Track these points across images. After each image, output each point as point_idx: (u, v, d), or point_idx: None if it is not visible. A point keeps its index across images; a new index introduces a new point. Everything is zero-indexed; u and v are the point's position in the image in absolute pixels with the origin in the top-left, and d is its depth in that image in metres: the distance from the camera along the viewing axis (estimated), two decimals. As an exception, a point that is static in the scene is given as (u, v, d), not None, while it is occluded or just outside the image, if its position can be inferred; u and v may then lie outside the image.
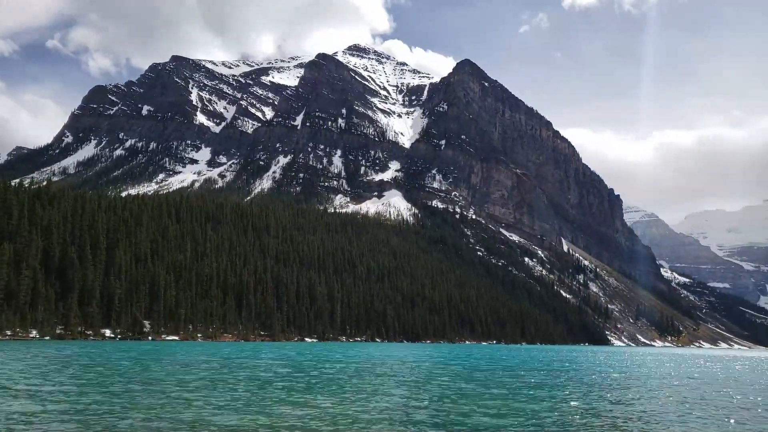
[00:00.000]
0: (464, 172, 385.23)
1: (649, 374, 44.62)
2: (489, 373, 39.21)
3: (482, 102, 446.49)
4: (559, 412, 21.21)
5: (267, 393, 24.53)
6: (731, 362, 67.87)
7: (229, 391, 25.02)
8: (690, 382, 37.76)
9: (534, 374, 39.60)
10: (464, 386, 29.79)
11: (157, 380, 28.69)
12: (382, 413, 19.75)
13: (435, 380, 33.06)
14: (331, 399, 22.91)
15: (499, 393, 26.65)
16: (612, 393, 29.15)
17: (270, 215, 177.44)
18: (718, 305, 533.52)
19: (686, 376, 43.83)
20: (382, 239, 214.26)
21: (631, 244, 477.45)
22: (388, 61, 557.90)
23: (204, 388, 25.64)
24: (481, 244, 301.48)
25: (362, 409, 20.57)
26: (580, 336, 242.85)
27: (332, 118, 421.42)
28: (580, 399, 25.54)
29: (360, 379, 32.12)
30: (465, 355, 71.17)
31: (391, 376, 34.79)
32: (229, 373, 33.69)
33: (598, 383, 34.55)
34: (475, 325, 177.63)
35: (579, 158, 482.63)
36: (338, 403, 21.63)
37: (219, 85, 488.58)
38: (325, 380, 30.95)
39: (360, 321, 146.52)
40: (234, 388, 26.24)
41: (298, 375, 33.82)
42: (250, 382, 28.85)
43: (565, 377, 37.99)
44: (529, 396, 25.86)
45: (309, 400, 22.32)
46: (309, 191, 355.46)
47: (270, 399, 22.39)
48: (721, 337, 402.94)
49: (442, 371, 40.82)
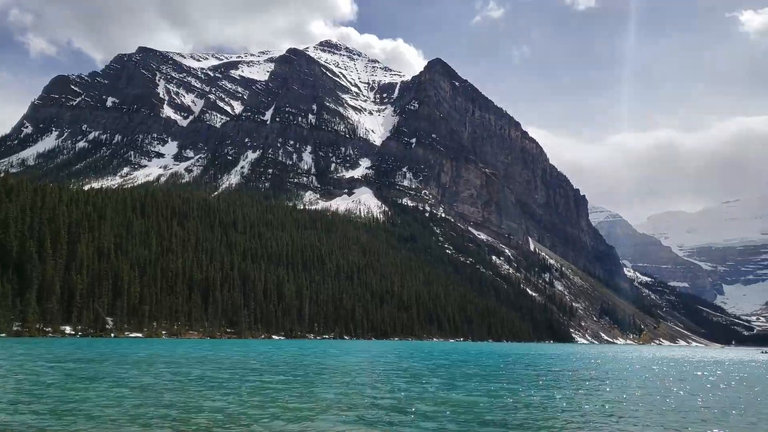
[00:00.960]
0: (434, 171, 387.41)
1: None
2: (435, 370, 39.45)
3: (453, 101, 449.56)
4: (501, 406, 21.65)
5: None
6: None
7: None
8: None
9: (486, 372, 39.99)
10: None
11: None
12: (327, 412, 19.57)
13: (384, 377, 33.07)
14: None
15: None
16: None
17: (238, 211, 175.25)
18: (677, 304, 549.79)
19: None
20: (352, 236, 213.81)
21: (596, 244, 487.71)
22: (359, 58, 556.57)
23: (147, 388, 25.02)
24: (450, 242, 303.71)
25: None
26: (545, 334, 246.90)
27: (302, 114, 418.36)
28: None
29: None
30: (426, 353, 71.59)
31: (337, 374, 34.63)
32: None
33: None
34: (443, 323, 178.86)
35: (546, 158, 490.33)
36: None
37: (187, 78, 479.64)
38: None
39: (328, 318, 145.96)
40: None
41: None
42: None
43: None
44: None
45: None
46: (278, 187, 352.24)
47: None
48: (680, 335, 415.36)
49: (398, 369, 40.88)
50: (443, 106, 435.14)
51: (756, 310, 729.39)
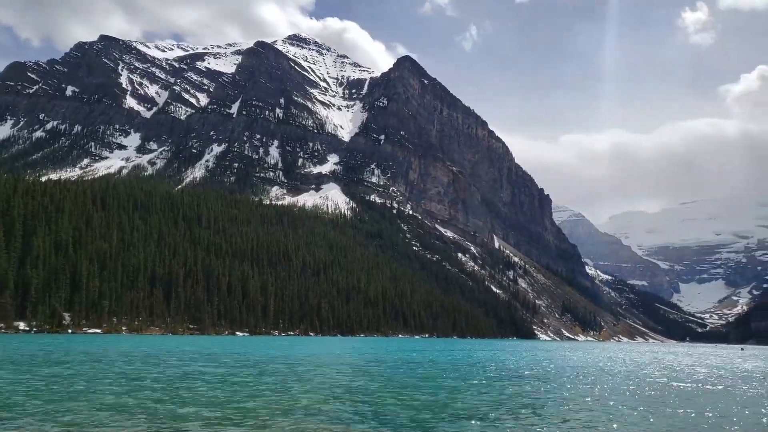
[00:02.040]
0: (402, 168, 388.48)
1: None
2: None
3: (421, 99, 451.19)
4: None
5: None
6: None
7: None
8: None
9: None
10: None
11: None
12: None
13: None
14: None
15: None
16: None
17: (202, 205, 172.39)
18: (636, 302, 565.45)
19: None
20: (319, 232, 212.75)
21: (559, 243, 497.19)
22: (328, 53, 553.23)
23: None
24: (417, 239, 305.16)
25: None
26: (508, 330, 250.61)
27: (270, 108, 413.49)
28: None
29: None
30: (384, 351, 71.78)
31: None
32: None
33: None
34: (409, 319, 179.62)
35: (512, 158, 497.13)
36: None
37: (151, 68, 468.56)
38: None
39: (294, 315, 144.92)
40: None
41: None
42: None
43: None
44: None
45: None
46: (244, 182, 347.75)
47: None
48: (638, 332, 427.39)
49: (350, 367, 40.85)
50: (412, 104, 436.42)
51: (709, 308, 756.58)
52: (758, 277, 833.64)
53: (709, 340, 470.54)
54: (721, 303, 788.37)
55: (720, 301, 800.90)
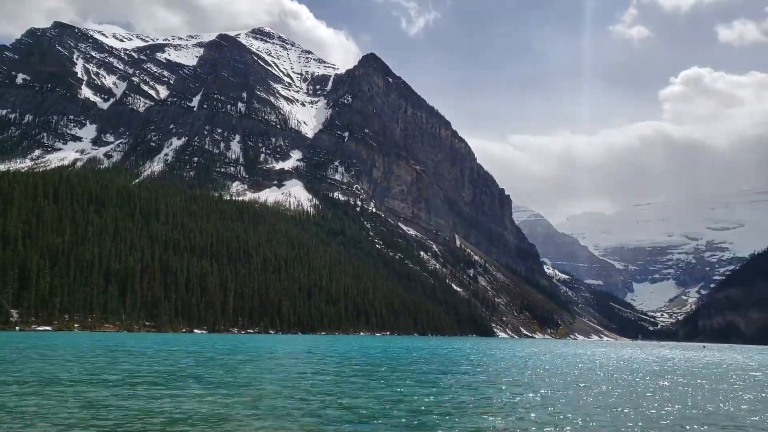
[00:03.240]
0: (366, 166, 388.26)
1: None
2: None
3: (386, 97, 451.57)
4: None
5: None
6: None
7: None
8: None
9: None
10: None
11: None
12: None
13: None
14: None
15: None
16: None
17: (160, 200, 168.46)
18: (592, 300, 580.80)
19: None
20: (281, 229, 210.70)
21: (518, 242, 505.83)
22: (293, 48, 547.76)
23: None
24: (380, 237, 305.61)
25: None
26: (468, 328, 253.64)
27: (232, 102, 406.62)
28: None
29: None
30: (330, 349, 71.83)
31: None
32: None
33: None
34: (370, 317, 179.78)
35: (474, 158, 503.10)
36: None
37: (108, 58, 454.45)
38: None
39: (254, 312, 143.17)
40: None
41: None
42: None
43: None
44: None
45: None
46: (204, 176, 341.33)
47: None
48: (594, 330, 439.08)
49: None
50: (376, 102, 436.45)
51: (661, 307, 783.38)
52: (706, 277, 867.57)
53: (659, 338, 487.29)
54: (671, 302, 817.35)
55: (671, 300, 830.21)
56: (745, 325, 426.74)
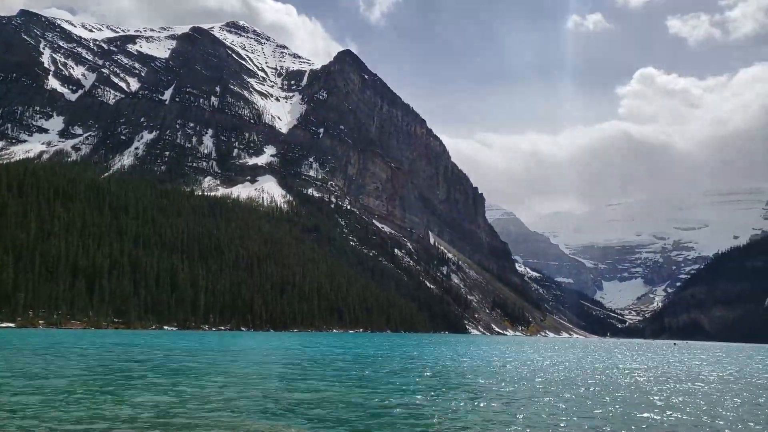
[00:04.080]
0: (341, 162, 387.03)
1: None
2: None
3: (362, 94, 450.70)
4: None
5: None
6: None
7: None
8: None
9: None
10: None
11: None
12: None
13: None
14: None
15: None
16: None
17: (130, 194, 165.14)
18: (562, 298, 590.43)
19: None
20: (253, 225, 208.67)
21: (491, 240, 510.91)
22: (268, 42, 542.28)
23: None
24: (355, 234, 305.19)
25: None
26: (441, 324, 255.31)
27: (205, 96, 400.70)
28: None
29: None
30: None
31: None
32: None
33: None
34: (344, 314, 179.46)
35: (449, 156, 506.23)
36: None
37: (77, 48, 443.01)
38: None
39: (225, 309, 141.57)
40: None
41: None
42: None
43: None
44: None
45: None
46: (175, 171, 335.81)
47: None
48: (564, 327, 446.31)
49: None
50: (352, 99, 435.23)
51: (629, 305, 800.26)
52: (672, 276, 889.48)
53: (627, 335, 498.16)
54: (639, 300, 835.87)
55: (638, 299, 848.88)
56: (708, 323, 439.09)
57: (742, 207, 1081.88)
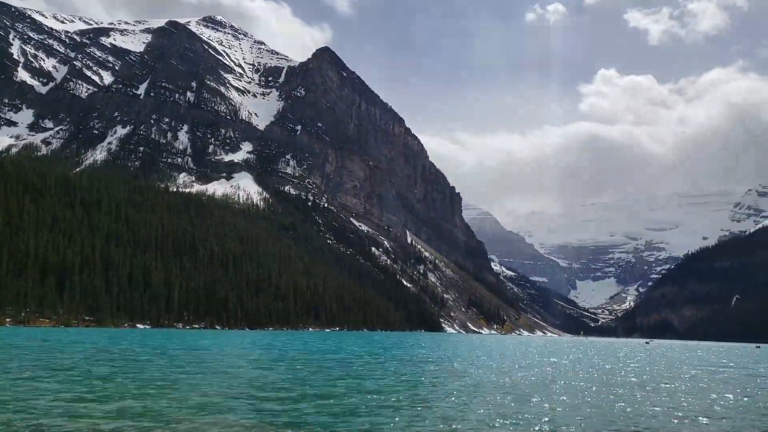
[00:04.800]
0: (319, 160, 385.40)
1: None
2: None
3: (340, 92, 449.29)
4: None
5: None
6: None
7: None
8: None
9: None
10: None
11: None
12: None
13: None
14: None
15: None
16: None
17: (102, 190, 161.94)
18: (536, 297, 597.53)
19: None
20: (229, 223, 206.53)
21: (467, 239, 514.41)
22: (245, 38, 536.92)
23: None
24: (332, 232, 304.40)
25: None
26: (417, 323, 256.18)
27: (180, 91, 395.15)
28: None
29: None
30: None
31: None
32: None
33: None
34: (320, 313, 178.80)
35: (426, 156, 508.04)
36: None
37: (48, 40, 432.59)
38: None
39: (199, 307, 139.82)
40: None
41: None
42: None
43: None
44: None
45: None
46: (149, 167, 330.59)
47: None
48: (538, 326, 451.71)
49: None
50: (330, 96, 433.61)
51: (602, 304, 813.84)
52: (644, 276, 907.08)
53: (600, 334, 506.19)
54: (612, 299, 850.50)
55: (611, 298, 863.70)
56: (678, 322, 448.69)
57: (711, 209, 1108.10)
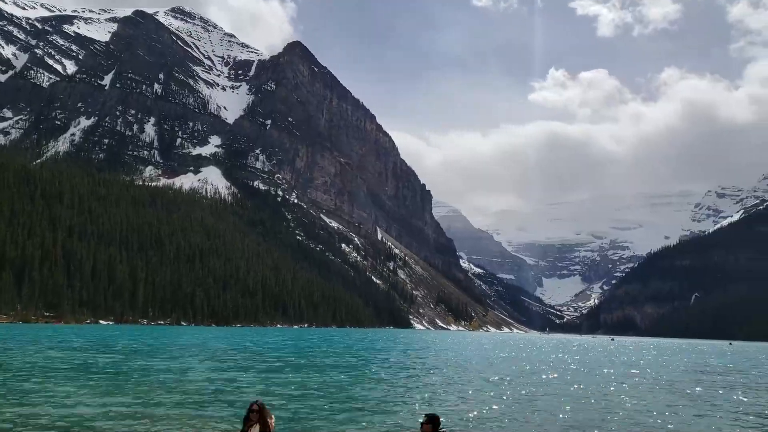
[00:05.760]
0: (289, 155, 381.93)
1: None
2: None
3: (311, 87, 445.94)
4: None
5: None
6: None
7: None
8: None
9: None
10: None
11: None
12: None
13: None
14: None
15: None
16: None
17: (65, 182, 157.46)
18: (504, 294, 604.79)
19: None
20: (196, 217, 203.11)
21: (437, 236, 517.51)
22: (215, 30, 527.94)
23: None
24: (302, 228, 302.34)
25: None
26: (386, 319, 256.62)
27: (148, 82, 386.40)
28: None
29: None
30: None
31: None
32: None
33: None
34: (288, 309, 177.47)
35: (398, 153, 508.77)
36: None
37: (8, 26, 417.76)
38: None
39: (165, 303, 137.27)
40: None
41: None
42: None
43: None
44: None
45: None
46: (115, 159, 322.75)
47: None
48: (505, 323, 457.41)
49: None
50: (301, 91, 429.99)
51: (567, 301, 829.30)
52: (608, 274, 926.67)
53: (565, 331, 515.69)
54: (577, 297, 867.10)
55: (576, 295, 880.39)
56: (640, 319, 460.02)
57: (673, 209, 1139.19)
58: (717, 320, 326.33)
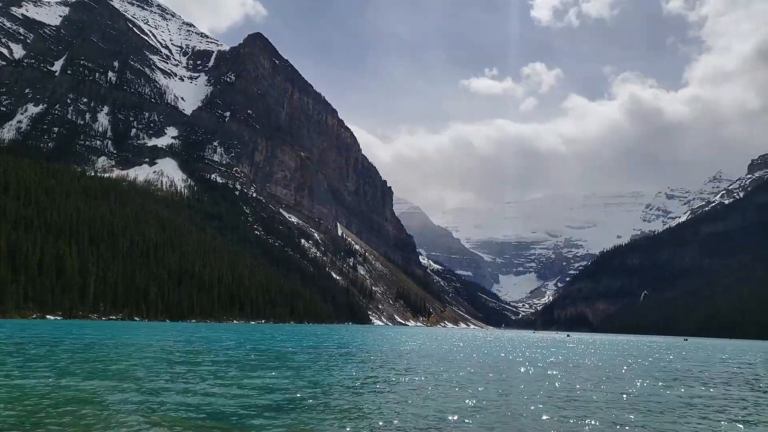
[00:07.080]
0: (248, 148, 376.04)
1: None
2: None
3: (272, 79, 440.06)
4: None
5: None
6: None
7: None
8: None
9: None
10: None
11: None
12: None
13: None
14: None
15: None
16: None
17: (10, 172, 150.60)
18: (462, 290, 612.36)
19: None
20: (151, 210, 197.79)
21: (397, 233, 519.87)
22: (173, 19, 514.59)
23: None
24: (260, 223, 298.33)
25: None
26: (345, 315, 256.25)
27: (101, 70, 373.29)
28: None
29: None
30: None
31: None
32: None
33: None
34: (245, 305, 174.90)
35: (359, 148, 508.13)
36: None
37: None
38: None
39: (117, 298, 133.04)
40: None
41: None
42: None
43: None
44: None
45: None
46: (65, 149, 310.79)
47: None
48: (462, 318, 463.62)
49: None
50: (262, 83, 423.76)
51: (522, 298, 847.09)
52: (563, 271, 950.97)
53: (520, 327, 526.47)
54: (532, 293, 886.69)
55: (531, 292, 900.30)
56: (592, 315, 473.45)
57: (625, 209, 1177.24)
58: (665, 316, 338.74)
